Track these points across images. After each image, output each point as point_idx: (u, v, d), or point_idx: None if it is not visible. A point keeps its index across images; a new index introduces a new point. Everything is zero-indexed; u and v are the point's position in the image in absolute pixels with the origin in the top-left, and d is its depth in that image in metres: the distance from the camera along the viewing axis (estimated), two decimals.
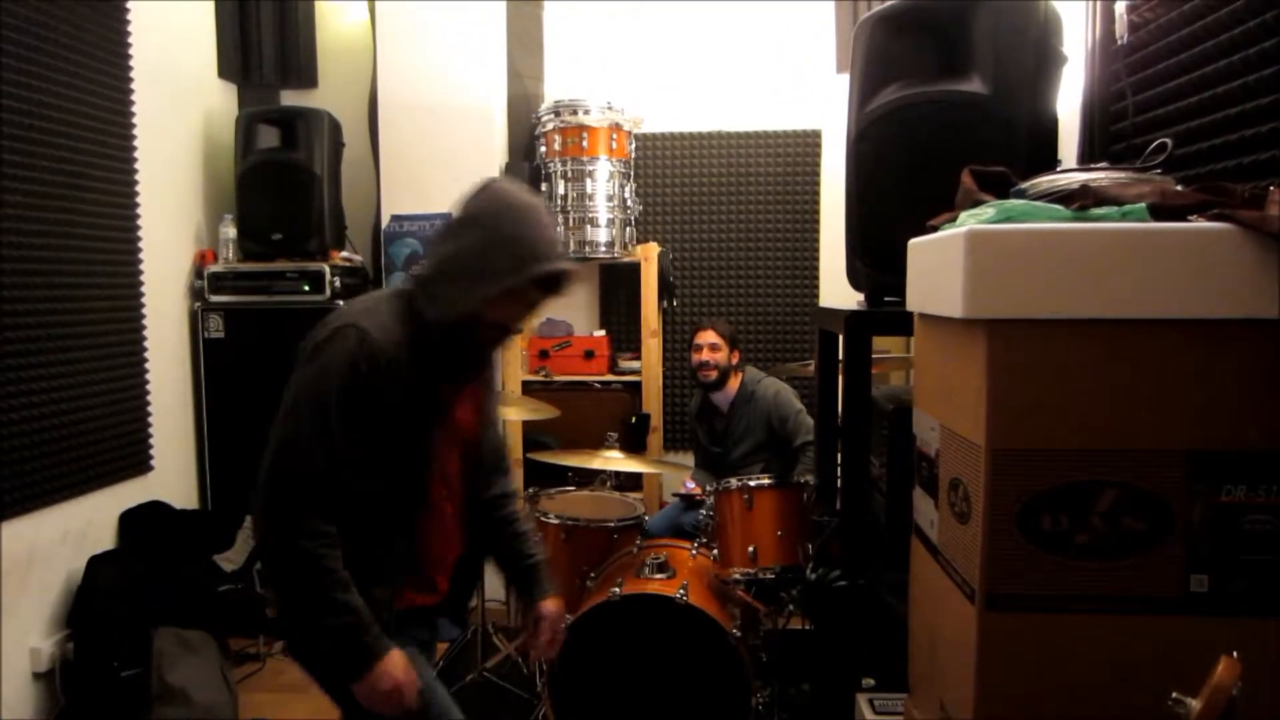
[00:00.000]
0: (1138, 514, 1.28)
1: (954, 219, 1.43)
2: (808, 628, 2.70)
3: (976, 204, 1.42)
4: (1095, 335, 1.26)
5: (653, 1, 4.05)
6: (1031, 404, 1.28)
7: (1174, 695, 0.85)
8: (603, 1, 4.08)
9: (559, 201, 3.75)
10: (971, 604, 1.36)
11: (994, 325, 1.26)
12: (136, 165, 3.30)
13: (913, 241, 1.53)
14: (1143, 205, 1.27)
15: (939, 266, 1.37)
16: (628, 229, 3.87)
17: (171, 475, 3.56)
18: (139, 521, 3.26)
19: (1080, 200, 1.32)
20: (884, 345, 3.30)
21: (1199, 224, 1.25)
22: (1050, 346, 1.27)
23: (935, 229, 1.48)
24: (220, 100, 3.98)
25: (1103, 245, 1.23)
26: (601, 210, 3.76)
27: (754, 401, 3.49)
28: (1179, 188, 1.36)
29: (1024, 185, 1.42)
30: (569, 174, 3.74)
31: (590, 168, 3.74)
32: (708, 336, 3.49)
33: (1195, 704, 0.81)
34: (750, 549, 2.62)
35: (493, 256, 1.59)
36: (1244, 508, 1.27)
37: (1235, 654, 0.85)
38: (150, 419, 3.40)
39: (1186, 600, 1.29)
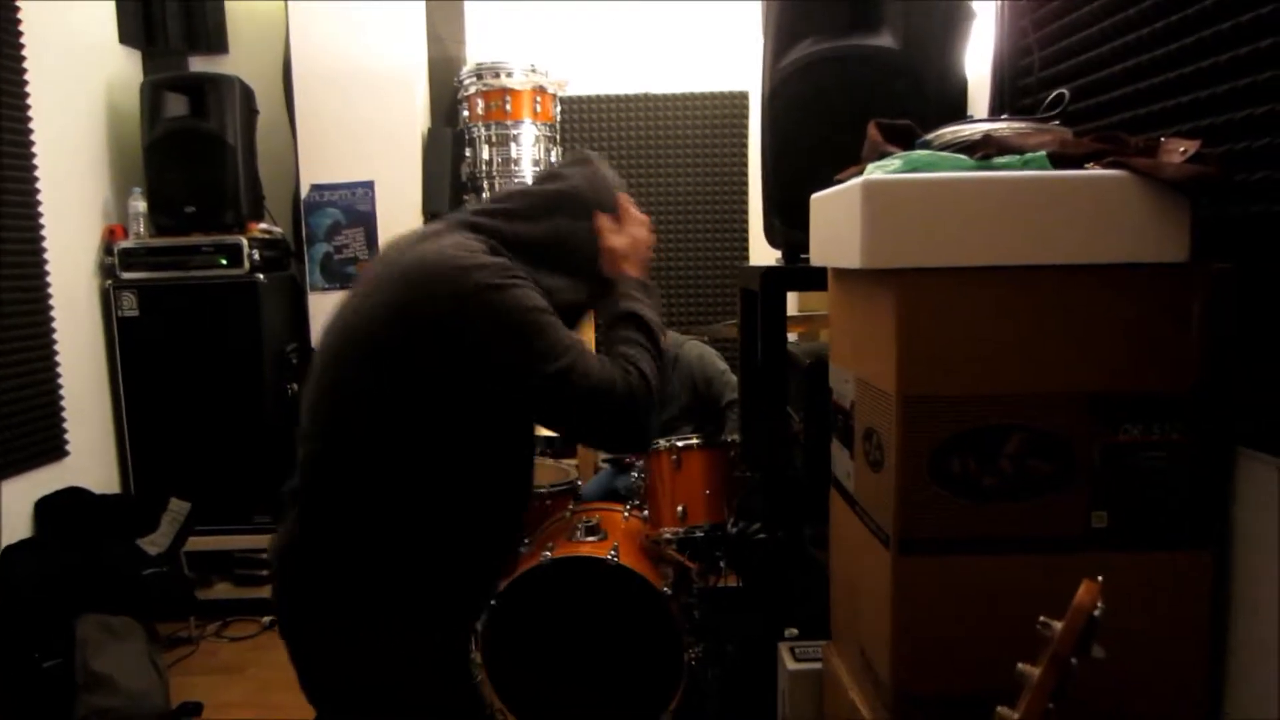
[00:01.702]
0: (1042, 455, 1.32)
1: (861, 172, 1.44)
2: (738, 584, 2.74)
3: (883, 156, 1.43)
4: (999, 282, 1.28)
5: None
6: (939, 351, 1.30)
7: (1041, 619, 0.89)
8: None
9: (483, 167, 3.69)
10: (886, 550, 1.39)
11: (902, 275, 1.28)
12: (33, 138, 3.15)
13: (815, 196, 1.54)
14: (1043, 154, 1.30)
15: (839, 219, 1.38)
16: None
17: (89, 459, 3.45)
18: (56, 508, 3.16)
19: (983, 150, 1.34)
20: (815, 303, 3.33)
21: (1096, 171, 1.27)
22: (956, 294, 1.29)
23: (842, 183, 1.49)
24: (123, 67, 3.80)
25: (1002, 193, 1.25)
26: (527, 175, 3.71)
27: (677, 366, 3.49)
28: (1075, 137, 1.39)
29: (929, 137, 1.44)
30: (493, 138, 3.68)
31: (515, 131, 3.68)
32: None
33: (1058, 625, 0.85)
34: (679, 508, 2.64)
35: None
36: (1140, 446, 1.32)
37: (1100, 578, 0.88)
38: (63, 402, 3.28)
39: (1088, 537, 1.33)
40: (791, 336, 3.38)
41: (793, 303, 3.77)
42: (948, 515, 1.33)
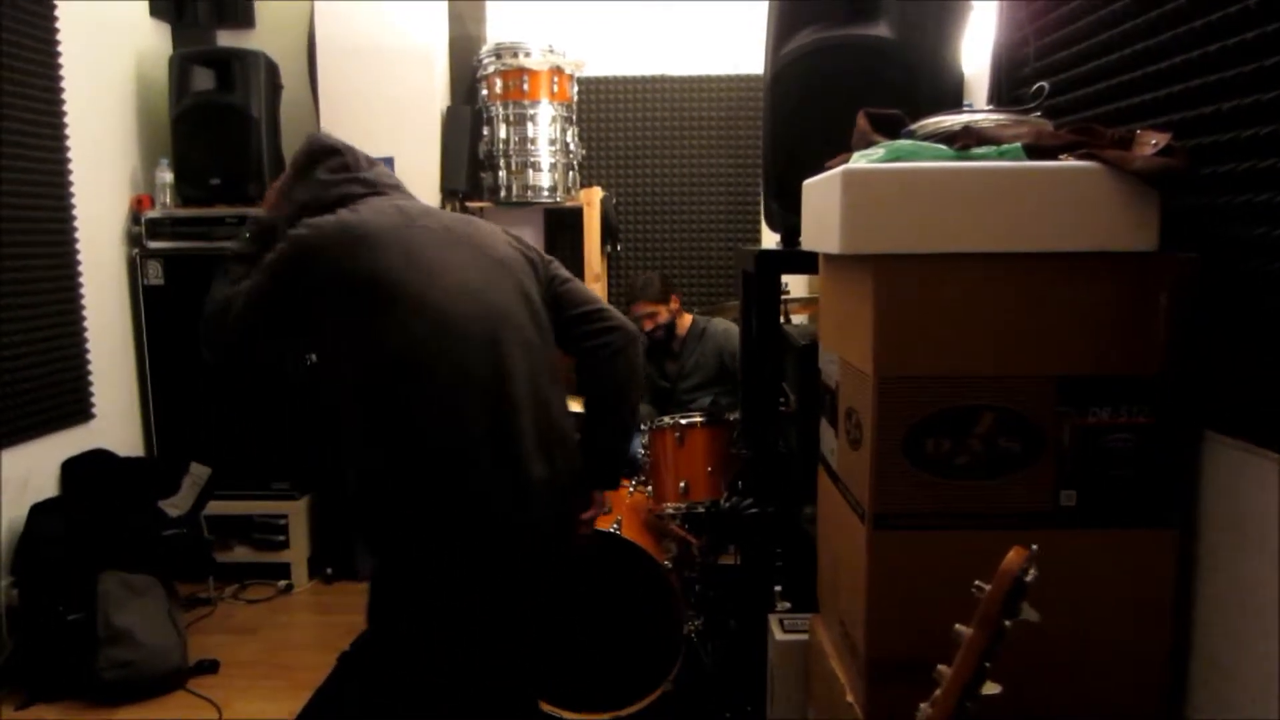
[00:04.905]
0: (1012, 435, 1.37)
1: (848, 160, 1.49)
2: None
3: (870, 145, 1.47)
4: (972, 268, 1.33)
5: None
6: (915, 333, 1.35)
7: (976, 583, 0.94)
8: None
9: (500, 145, 3.75)
10: (862, 524, 1.45)
11: (879, 260, 1.33)
12: (65, 109, 3.24)
13: (807, 182, 1.59)
14: (1018, 145, 1.34)
15: (824, 205, 1.43)
16: (570, 173, 3.88)
17: (115, 423, 3.57)
18: (81, 469, 3.27)
19: (962, 140, 1.38)
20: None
21: (1068, 163, 1.32)
22: (931, 279, 1.33)
23: (830, 170, 1.54)
24: (153, 40, 3.89)
25: (977, 182, 1.30)
26: (544, 154, 3.77)
27: (705, 338, 3.58)
28: (1054, 129, 1.43)
29: (913, 126, 1.48)
30: (511, 118, 3.74)
31: (532, 111, 3.73)
32: (642, 308, 3.54)
33: (988, 586, 0.90)
34: (682, 484, 2.71)
35: None
36: (1108, 428, 1.36)
37: (1035, 546, 0.93)
38: (90, 367, 3.39)
39: (1057, 514, 1.38)
40: (802, 318, 3.44)
41: (805, 285, 3.82)
42: (921, 491, 1.38)
